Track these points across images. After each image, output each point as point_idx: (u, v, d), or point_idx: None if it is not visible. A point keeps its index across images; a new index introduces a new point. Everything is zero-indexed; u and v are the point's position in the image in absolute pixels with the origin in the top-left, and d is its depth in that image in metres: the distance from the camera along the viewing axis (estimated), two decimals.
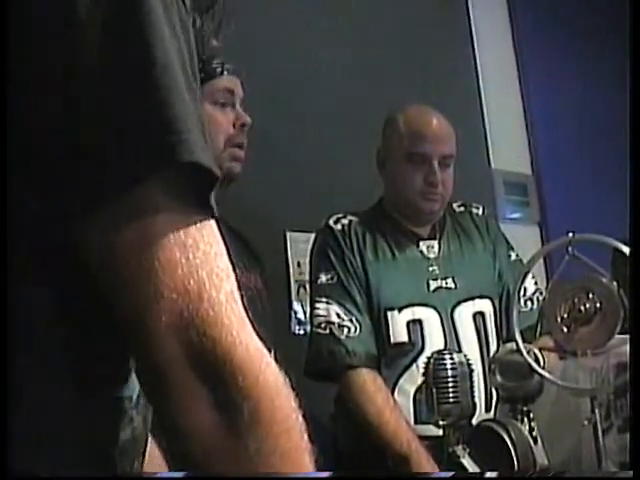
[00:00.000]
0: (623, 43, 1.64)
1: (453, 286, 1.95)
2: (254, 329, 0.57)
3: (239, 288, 0.58)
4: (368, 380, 1.83)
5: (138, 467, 0.64)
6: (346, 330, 1.85)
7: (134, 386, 0.62)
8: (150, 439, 0.66)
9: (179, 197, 0.56)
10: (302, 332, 2.27)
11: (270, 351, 0.59)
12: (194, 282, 0.55)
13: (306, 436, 0.59)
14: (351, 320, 1.87)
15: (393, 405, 1.80)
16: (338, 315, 1.87)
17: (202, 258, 0.56)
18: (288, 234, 2.40)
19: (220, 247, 0.58)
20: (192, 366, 0.55)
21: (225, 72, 1.65)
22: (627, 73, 1.22)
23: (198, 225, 0.57)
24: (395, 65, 2.74)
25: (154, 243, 0.55)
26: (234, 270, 0.57)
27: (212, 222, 0.58)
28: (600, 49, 3.20)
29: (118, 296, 0.56)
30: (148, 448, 0.66)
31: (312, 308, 1.92)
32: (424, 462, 1.71)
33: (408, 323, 1.89)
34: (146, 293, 0.54)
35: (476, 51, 3.07)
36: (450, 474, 1.22)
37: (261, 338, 0.58)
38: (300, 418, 0.59)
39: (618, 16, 2.39)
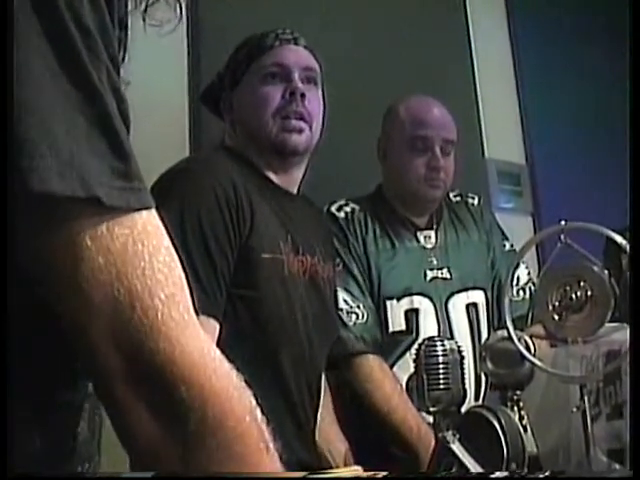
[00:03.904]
0: (619, 34, 1.64)
1: (448, 277, 1.96)
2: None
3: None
4: (375, 366, 1.83)
5: (90, 470, 0.62)
6: (354, 316, 1.85)
7: (78, 391, 0.60)
8: None
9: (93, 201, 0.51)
10: None
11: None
12: (124, 289, 0.51)
13: (266, 435, 0.56)
14: (359, 307, 1.87)
15: (400, 391, 1.80)
16: (346, 302, 1.87)
17: (132, 262, 0.52)
18: None
19: (159, 241, 0.54)
20: (132, 378, 0.52)
21: (278, 43, 1.61)
22: (624, 62, 1.22)
23: (128, 224, 0.52)
24: (391, 55, 2.73)
25: (74, 251, 0.51)
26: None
27: (146, 215, 0.53)
28: (595, 40, 3.20)
29: (55, 309, 0.53)
30: None
31: None
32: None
33: (406, 312, 1.90)
34: (76, 306, 0.51)
35: (472, 40, 3.06)
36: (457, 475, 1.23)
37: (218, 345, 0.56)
38: (258, 417, 0.56)
39: (615, 9, 2.39)
